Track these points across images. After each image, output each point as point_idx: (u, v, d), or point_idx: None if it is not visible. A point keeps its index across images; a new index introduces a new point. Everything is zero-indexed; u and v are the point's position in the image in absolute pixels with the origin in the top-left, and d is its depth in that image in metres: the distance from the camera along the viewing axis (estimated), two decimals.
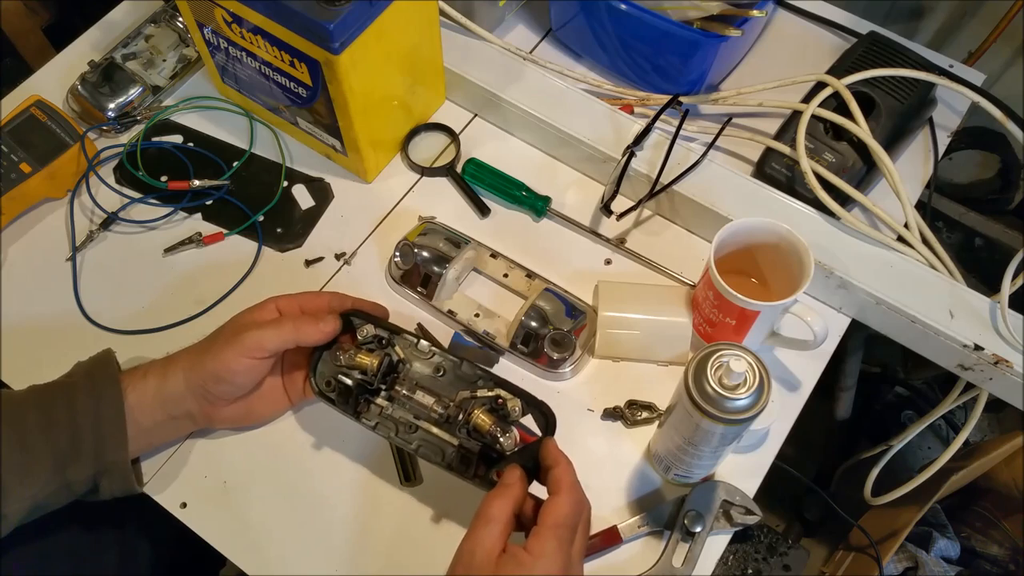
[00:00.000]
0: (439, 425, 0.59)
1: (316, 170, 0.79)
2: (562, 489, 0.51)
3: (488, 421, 0.56)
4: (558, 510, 0.50)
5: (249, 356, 0.58)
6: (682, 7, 0.74)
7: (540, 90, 0.78)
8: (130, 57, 0.82)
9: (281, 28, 0.64)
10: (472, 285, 0.74)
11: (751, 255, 0.66)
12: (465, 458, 0.57)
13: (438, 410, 0.58)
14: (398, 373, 0.60)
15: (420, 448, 0.59)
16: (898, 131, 0.75)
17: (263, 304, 0.62)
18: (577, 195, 0.78)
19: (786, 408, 0.67)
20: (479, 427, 0.56)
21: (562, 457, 0.54)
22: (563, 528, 0.50)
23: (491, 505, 0.51)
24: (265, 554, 0.62)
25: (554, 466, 0.53)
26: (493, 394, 0.57)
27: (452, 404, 0.58)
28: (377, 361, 0.58)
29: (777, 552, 1.04)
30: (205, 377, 0.59)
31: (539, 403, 0.57)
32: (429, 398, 0.59)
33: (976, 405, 0.74)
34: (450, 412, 0.58)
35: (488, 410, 0.56)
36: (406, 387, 0.59)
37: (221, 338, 0.60)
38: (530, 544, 0.49)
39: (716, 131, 0.77)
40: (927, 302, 0.67)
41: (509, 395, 0.57)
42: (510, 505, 0.51)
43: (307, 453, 0.66)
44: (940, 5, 1.07)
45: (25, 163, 0.74)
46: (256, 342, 0.58)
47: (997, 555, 1.02)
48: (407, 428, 0.59)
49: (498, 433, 0.55)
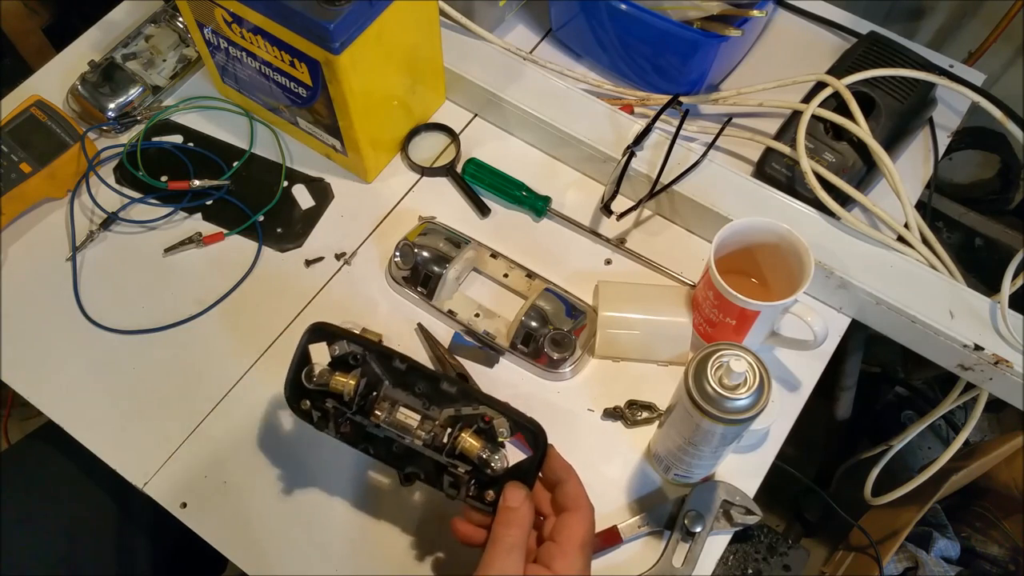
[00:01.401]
0: (425, 447, 0.54)
1: (316, 170, 0.79)
2: (581, 506, 0.50)
3: (476, 445, 0.52)
4: (580, 528, 0.49)
5: None
6: (682, 7, 0.74)
7: (540, 90, 0.78)
8: (130, 57, 0.82)
9: (281, 28, 0.64)
10: (472, 285, 0.74)
11: (751, 255, 0.66)
12: (454, 483, 0.54)
13: (422, 434, 0.54)
14: (377, 392, 0.56)
15: (409, 469, 0.56)
16: (898, 131, 0.75)
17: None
18: (577, 195, 0.78)
19: (786, 408, 0.67)
20: (467, 452, 0.52)
21: (571, 470, 0.52)
22: (587, 546, 0.49)
23: (506, 533, 0.49)
24: (265, 554, 0.62)
25: (566, 480, 0.52)
26: (479, 413, 0.54)
27: (436, 424, 0.54)
28: (353, 383, 0.54)
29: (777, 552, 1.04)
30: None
31: (527, 421, 0.53)
32: (412, 419, 0.55)
33: (976, 405, 0.74)
34: (436, 433, 0.54)
35: (475, 432, 0.53)
36: (386, 409, 0.55)
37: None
38: (557, 566, 0.48)
39: (716, 131, 0.77)
40: (927, 302, 0.67)
41: (495, 413, 0.53)
42: (524, 529, 0.49)
43: (307, 453, 0.66)
44: (940, 5, 1.07)
45: (25, 163, 0.74)
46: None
47: (997, 555, 1.02)
48: (394, 448, 0.56)
49: (486, 457, 0.52)
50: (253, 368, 0.69)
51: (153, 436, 0.66)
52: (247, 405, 0.68)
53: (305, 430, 0.66)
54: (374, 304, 0.72)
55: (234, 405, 0.68)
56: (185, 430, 0.67)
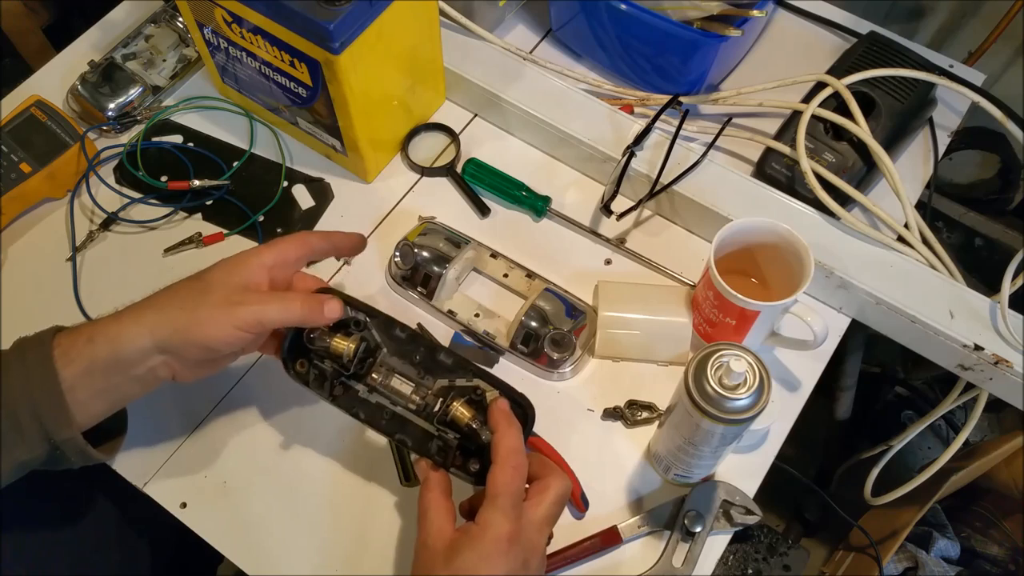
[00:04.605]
0: (416, 414, 0.57)
1: (316, 170, 0.79)
2: (497, 458, 0.51)
3: (467, 414, 0.54)
4: (494, 479, 0.50)
5: (245, 330, 0.53)
6: (682, 7, 0.74)
7: (540, 90, 0.78)
8: (130, 57, 0.82)
9: (281, 28, 0.64)
10: (472, 285, 0.74)
11: (751, 255, 0.66)
12: (442, 449, 0.56)
13: (416, 399, 0.56)
14: (374, 358, 0.57)
15: (397, 435, 0.57)
16: (898, 131, 0.75)
17: (249, 264, 0.55)
18: (577, 195, 0.78)
19: (786, 408, 0.67)
20: (457, 420, 0.54)
21: (503, 423, 0.52)
22: (503, 496, 0.50)
23: (422, 500, 0.52)
24: (265, 554, 0.62)
25: (493, 431, 0.53)
26: (472, 385, 0.56)
27: (430, 393, 0.56)
28: (354, 346, 0.56)
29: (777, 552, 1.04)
30: (187, 343, 0.52)
31: (518, 396, 0.55)
32: (407, 386, 0.57)
33: (976, 405, 0.74)
34: (428, 401, 0.56)
35: (467, 402, 0.55)
36: (383, 373, 0.57)
37: (208, 302, 0.53)
38: (478, 517, 0.50)
39: (716, 131, 0.77)
40: (927, 302, 0.67)
41: (488, 387, 0.55)
42: (436, 492, 0.52)
43: (307, 453, 0.66)
44: (940, 5, 1.07)
45: (25, 163, 0.74)
46: (256, 318, 0.52)
47: (997, 555, 1.02)
48: (384, 415, 0.57)
49: (477, 426, 0.54)
50: (253, 368, 0.69)
51: (153, 436, 0.66)
52: (247, 405, 0.68)
53: (305, 430, 0.66)
54: (374, 304, 0.71)
55: (234, 405, 0.68)
56: (185, 430, 0.67)
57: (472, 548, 0.48)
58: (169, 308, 0.53)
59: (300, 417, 0.67)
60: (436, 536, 0.50)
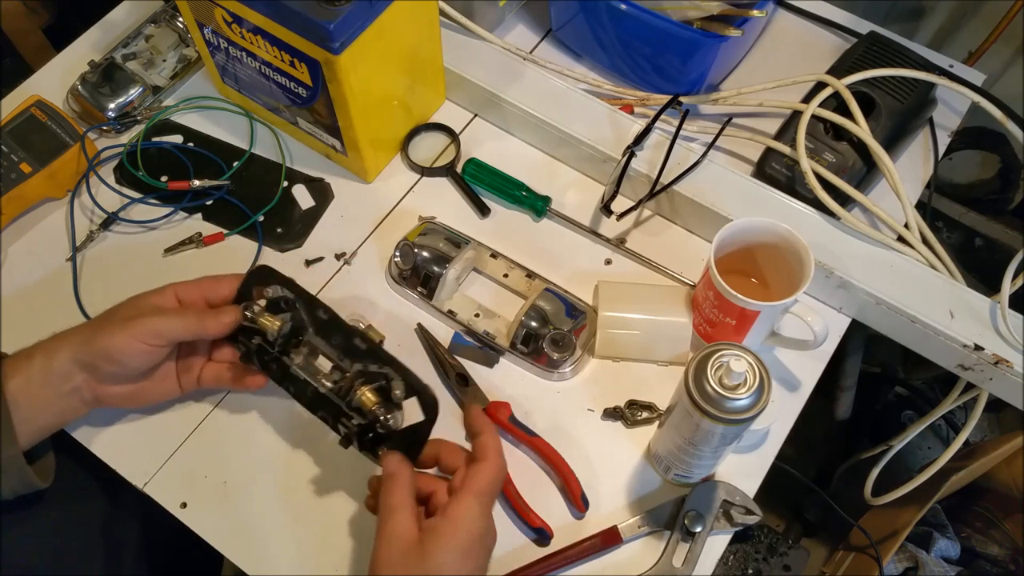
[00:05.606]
0: (335, 394, 0.58)
1: (316, 170, 0.79)
2: (488, 456, 0.52)
3: (372, 400, 0.55)
4: (484, 475, 0.51)
5: (145, 342, 0.56)
6: (682, 7, 0.74)
7: (540, 90, 0.78)
8: (130, 57, 0.82)
9: (281, 28, 0.64)
10: (472, 285, 0.74)
11: (751, 255, 0.66)
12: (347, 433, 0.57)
13: (328, 383, 0.58)
14: (301, 337, 0.60)
15: (320, 412, 0.59)
16: (898, 131, 0.75)
17: (163, 290, 0.60)
18: (577, 195, 0.78)
19: (786, 408, 0.67)
20: (363, 405, 0.55)
21: (488, 424, 0.55)
22: (486, 495, 0.51)
23: (389, 496, 0.52)
24: (265, 554, 0.62)
25: (480, 433, 0.55)
26: (382, 371, 0.56)
27: (347, 376, 0.58)
28: (279, 324, 0.58)
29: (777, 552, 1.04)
30: (95, 354, 0.56)
31: (421, 387, 0.55)
32: (324, 366, 0.59)
33: (976, 405, 0.74)
34: (343, 384, 0.57)
35: (375, 388, 0.56)
36: (304, 352, 0.60)
37: (116, 318, 0.58)
38: (450, 510, 0.50)
39: (716, 131, 0.77)
40: (927, 302, 0.67)
41: (395, 374, 0.56)
42: (405, 490, 0.52)
43: (307, 453, 0.66)
44: (940, 5, 1.07)
45: (25, 163, 0.74)
46: (154, 328, 0.56)
47: (997, 555, 1.02)
48: (308, 391, 0.59)
49: (380, 413, 0.55)
50: None
51: (153, 436, 0.66)
52: (247, 405, 0.68)
53: (305, 430, 0.66)
54: (374, 304, 0.72)
55: (234, 405, 0.68)
56: (185, 430, 0.67)
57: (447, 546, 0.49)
58: (86, 327, 0.59)
59: (300, 417, 0.67)
60: (402, 535, 0.50)
